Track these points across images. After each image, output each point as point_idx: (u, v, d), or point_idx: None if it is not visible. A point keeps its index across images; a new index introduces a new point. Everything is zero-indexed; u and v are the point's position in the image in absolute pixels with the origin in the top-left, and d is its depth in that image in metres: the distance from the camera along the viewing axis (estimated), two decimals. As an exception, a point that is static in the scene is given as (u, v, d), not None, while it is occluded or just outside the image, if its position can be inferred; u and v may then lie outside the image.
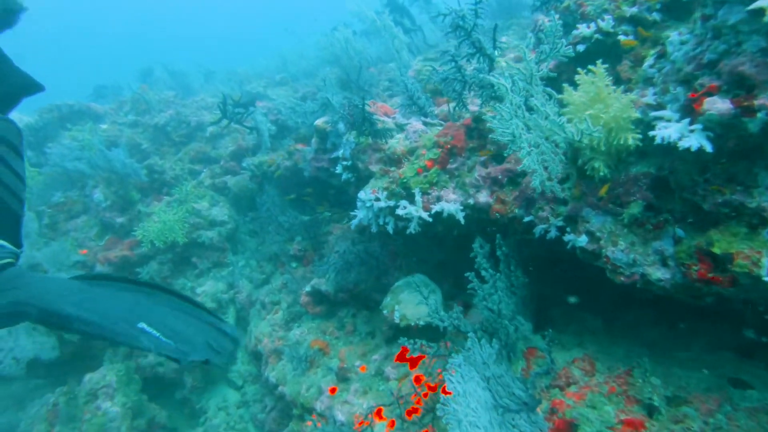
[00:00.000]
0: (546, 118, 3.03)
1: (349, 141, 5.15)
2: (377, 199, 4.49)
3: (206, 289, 8.12)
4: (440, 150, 4.50)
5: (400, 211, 4.29)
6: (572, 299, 4.17)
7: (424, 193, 4.38)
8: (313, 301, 6.21)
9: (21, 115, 10.17)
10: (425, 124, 5.15)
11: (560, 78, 3.79)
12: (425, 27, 10.42)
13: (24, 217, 1.91)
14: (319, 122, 6.00)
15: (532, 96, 3.10)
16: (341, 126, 5.57)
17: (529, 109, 3.15)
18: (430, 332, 4.80)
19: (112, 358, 8.05)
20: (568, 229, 3.62)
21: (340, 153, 5.35)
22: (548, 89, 3.15)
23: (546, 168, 3.26)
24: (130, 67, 16.49)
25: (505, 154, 3.85)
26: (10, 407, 7.87)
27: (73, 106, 10.50)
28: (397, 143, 4.91)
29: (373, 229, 4.54)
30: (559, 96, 3.17)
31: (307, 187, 7.94)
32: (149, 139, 10.52)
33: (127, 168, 8.38)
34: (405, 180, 4.48)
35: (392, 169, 4.74)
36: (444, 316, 3.86)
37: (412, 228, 4.28)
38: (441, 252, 5.26)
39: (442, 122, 5.25)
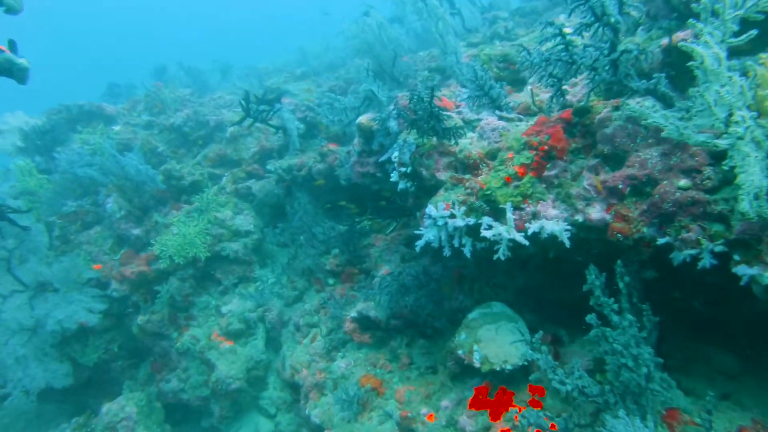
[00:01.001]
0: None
1: (407, 143, 4.23)
2: (452, 216, 3.57)
3: (232, 308, 7.30)
4: (533, 153, 3.56)
5: (486, 233, 3.37)
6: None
7: (516, 208, 3.45)
8: (360, 328, 5.33)
9: (27, 117, 9.44)
10: (502, 119, 4.20)
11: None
12: (463, 10, 9.44)
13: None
14: (363, 120, 5.09)
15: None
16: (392, 124, 4.65)
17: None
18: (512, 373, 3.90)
19: (131, 385, 7.29)
20: (735, 257, 2.68)
21: (393, 156, 4.44)
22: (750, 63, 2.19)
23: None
24: (143, 66, 15.76)
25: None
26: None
27: (83, 106, 9.73)
28: (471, 144, 3.97)
29: (446, 252, 3.63)
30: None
31: (343, 192, 7.06)
32: (165, 141, 9.72)
33: (142, 175, 7.57)
34: (488, 192, 3.55)
35: (467, 177, 3.81)
36: (562, 376, 2.93)
37: (501, 253, 3.36)
38: (522, 276, 4.33)
39: (521, 116, 4.30)
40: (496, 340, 3.82)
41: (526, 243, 3.32)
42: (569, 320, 4.03)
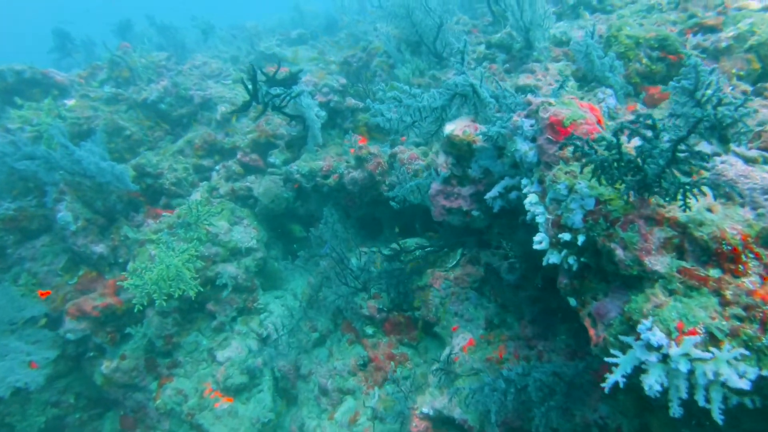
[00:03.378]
0: None
1: (578, 192, 2.42)
2: (701, 351, 1.90)
3: (230, 354, 5.55)
4: None
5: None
6: None
7: None
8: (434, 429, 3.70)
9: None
10: (749, 162, 2.48)
11: None
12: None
13: None
14: (457, 130, 3.31)
15: None
16: (522, 147, 2.87)
17: None
18: None
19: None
20: None
21: (534, 208, 2.68)
22: None
23: None
24: (103, 20, 13.18)
25: None
26: None
27: (22, 72, 7.44)
28: (715, 214, 2.25)
29: (675, 411, 1.97)
30: None
31: (385, 207, 5.29)
32: (136, 120, 7.61)
33: (106, 174, 5.58)
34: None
35: (714, 274, 2.11)
36: None
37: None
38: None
39: None
40: None
41: None
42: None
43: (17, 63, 7.40)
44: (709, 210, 2.20)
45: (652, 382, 1.97)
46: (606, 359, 2.15)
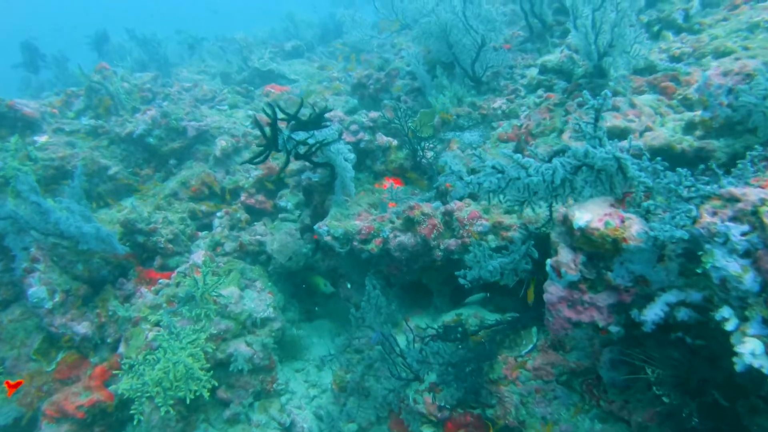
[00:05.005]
0: None
1: None
2: None
3: (251, 455, 4.55)
4: None
5: None
6: None
7: None
8: None
9: None
10: None
11: None
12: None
13: None
14: (595, 223, 2.36)
15: None
16: (729, 266, 1.93)
17: None
18: None
19: None
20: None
21: (747, 348, 1.78)
22: None
23: None
24: (77, 32, 11.91)
25: None
26: None
27: (-19, 107, 6.28)
28: None
29: None
30: None
31: (438, 273, 4.34)
32: (120, 157, 6.52)
33: (89, 239, 4.52)
34: None
35: None
36: None
37: None
38: None
39: None
40: None
41: None
42: None
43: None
44: None
45: None
46: None
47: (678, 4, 4.81)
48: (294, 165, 5.39)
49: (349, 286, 4.78)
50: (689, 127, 3.73)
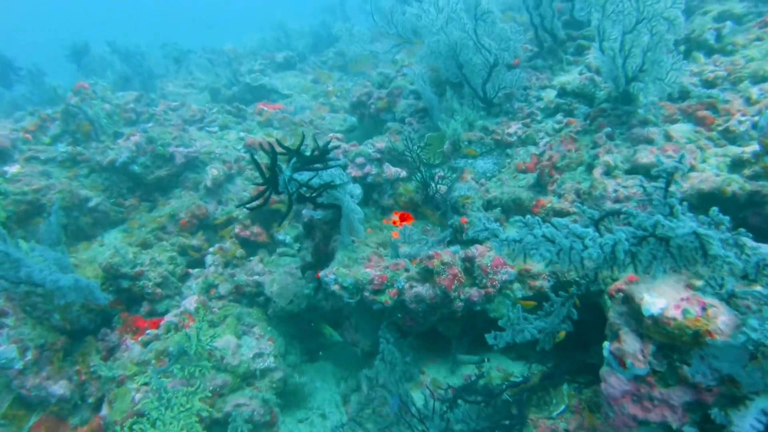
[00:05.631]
0: None
1: None
2: None
3: None
4: None
5: None
6: None
7: None
8: None
9: None
10: None
11: None
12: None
13: None
14: (671, 311, 1.98)
15: None
16: None
17: None
18: None
19: None
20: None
21: None
22: None
23: None
24: (54, 45, 11.29)
25: None
26: None
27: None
28: None
29: None
30: None
31: (457, 325, 3.92)
32: (101, 187, 6.02)
33: (67, 293, 4.03)
34: None
35: None
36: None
37: None
38: None
39: None
40: None
41: None
42: None
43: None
44: None
45: None
46: None
47: (709, 22, 4.46)
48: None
49: (375, 362, 4.26)
50: (736, 165, 3.38)
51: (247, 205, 3.55)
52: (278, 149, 3.37)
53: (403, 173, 4.74)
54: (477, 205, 4.48)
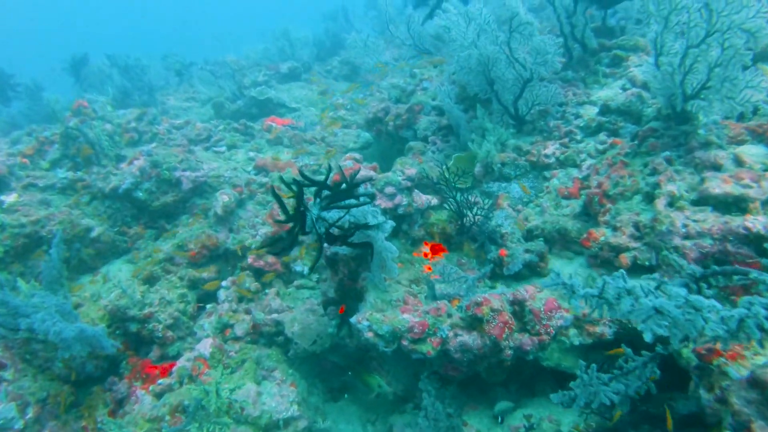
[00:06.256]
0: None
1: None
2: None
3: None
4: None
5: None
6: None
7: None
8: None
9: None
10: None
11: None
12: None
13: None
14: None
15: None
16: None
17: None
18: None
19: None
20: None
21: None
22: None
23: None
24: (52, 57, 10.90)
25: None
26: None
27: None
28: None
29: None
30: None
31: (502, 373, 3.54)
32: (104, 215, 5.62)
33: (71, 345, 3.63)
34: None
35: None
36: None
37: None
38: None
39: None
40: None
41: None
42: None
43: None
44: None
45: None
46: None
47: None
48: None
49: (420, 419, 3.86)
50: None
51: (272, 250, 3.17)
52: (297, 177, 2.99)
53: (434, 201, 4.35)
54: (517, 236, 4.10)
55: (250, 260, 5.32)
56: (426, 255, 4.36)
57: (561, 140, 4.58)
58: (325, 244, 4.03)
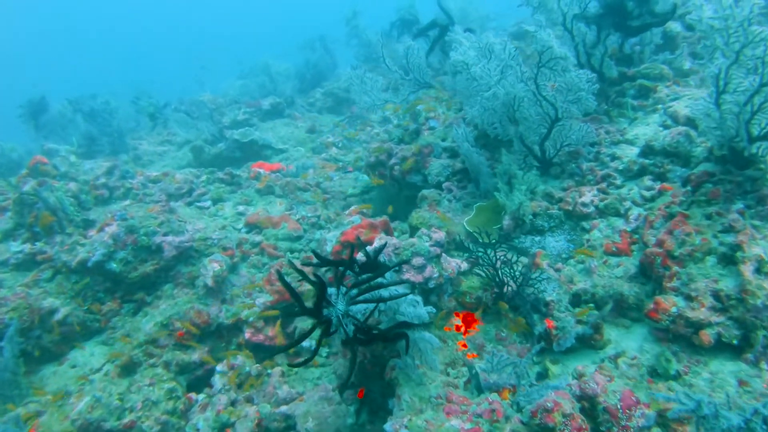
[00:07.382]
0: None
1: None
2: None
3: None
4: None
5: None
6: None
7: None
8: None
9: None
10: None
11: None
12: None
13: None
14: None
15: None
16: None
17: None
18: None
19: None
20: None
21: None
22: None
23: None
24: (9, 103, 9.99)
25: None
26: None
27: None
28: None
29: None
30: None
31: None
32: (69, 292, 4.82)
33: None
34: None
35: None
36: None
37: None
38: None
39: None
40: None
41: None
42: None
43: None
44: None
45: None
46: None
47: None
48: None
49: None
50: None
51: (296, 364, 2.51)
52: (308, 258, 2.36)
53: (464, 266, 3.76)
54: (564, 303, 3.54)
55: (247, 335, 4.62)
56: (458, 328, 3.75)
57: (598, 185, 4.08)
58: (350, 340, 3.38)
